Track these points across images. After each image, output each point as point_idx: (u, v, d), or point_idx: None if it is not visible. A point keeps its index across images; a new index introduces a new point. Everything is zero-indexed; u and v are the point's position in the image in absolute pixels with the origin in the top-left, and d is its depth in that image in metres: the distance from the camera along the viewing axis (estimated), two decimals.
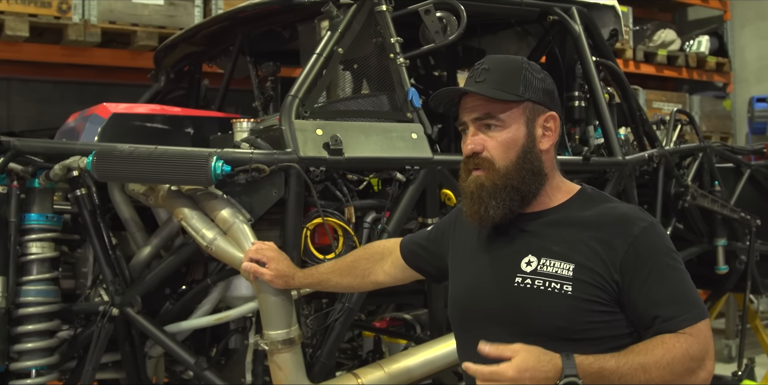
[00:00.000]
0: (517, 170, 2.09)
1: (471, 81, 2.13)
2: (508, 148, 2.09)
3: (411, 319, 3.82)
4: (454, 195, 3.33)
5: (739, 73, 10.11)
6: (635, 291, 1.97)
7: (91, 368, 2.92)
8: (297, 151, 2.97)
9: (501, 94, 2.08)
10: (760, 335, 5.77)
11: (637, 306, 1.98)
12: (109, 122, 3.43)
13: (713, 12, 10.28)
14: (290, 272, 2.67)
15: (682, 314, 1.95)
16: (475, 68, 2.15)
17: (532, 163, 2.10)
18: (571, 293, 1.98)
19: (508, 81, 2.10)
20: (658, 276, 1.97)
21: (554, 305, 1.99)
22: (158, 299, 3.15)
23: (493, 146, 2.09)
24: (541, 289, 2.01)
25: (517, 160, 2.09)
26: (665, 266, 1.99)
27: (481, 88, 2.09)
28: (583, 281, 1.98)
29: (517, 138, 2.10)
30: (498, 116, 2.09)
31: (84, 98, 6.28)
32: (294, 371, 2.80)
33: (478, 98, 2.11)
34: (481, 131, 2.11)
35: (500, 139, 2.09)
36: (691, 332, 1.93)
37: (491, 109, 2.09)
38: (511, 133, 2.10)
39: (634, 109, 4.36)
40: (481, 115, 2.10)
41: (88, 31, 5.60)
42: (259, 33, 4.18)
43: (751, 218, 4.87)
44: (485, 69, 2.12)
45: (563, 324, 1.98)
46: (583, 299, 1.97)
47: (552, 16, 4.04)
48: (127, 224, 3.13)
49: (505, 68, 2.13)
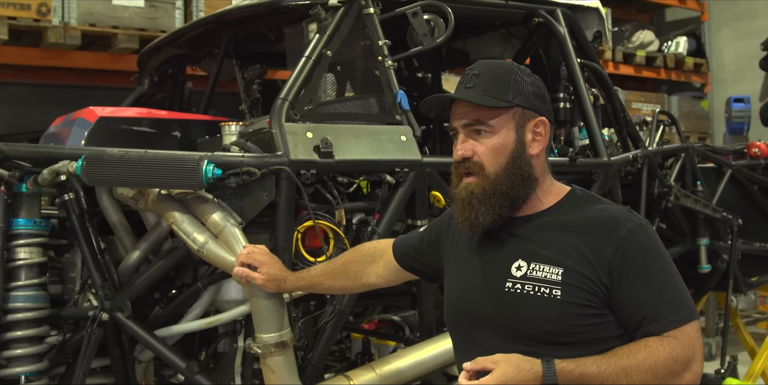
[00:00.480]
0: (506, 176, 2.10)
1: (461, 87, 2.14)
2: (497, 154, 2.10)
3: (399, 320, 3.82)
4: (443, 197, 3.34)
5: (716, 73, 10.20)
6: (623, 293, 1.99)
7: (82, 374, 2.91)
8: (288, 154, 2.97)
9: (489, 100, 2.09)
10: (741, 333, 5.82)
11: (624, 308, 1.99)
12: (96, 126, 3.41)
13: (690, 13, 10.36)
14: (282, 276, 2.66)
15: (670, 315, 1.96)
16: (465, 73, 2.16)
17: (521, 168, 2.11)
18: (560, 298, 1.99)
19: (498, 86, 2.11)
20: (645, 277, 1.99)
21: (544, 309, 2.00)
22: (148, 303, 3.13)
23: (483, 152, 2.10)
24: (531, 294, 2.03)
25: (506, 165, 2.10)
26: (653, 267, 2.01)
27: (470, 94, 2.10)
28: (571, 285, 1.99)
29: (507, 143, 2.11)
30: (487, 122, 2.10)
31: (63, 101, 6.22)
32: (287, 374, 2.80)
33: (468, 104, 2.12)
34: (470, 137, 2.13)
35: (490, 144, 2.10)
36: (676, 335, 1.94)
37: (480, 115, 2.10)
38: (500, 138, 2.11)
39: (618, 110, 4.39)
40: (471, 121, 2.12)
41: (68, 34, 5.56)
42: (245, 36, 4.17)
43: (732, 218, 4.92)
44: (475, 74, 2.13)
45: (553, 328, 2.00)
46: (572, 303, 1.99)
47: (537, 19, 4.06)
48: (116, 229, 3.10)
49: (494, 73, 2.14)
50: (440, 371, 3.31)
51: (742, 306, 8.30)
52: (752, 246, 5.26)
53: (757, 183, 5.39)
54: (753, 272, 5.36)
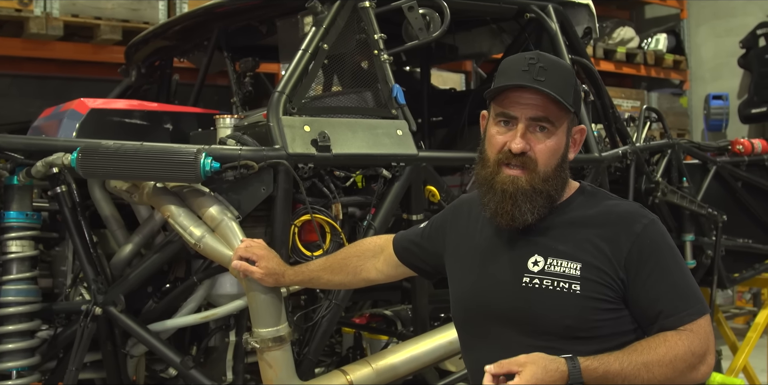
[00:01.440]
0: (554, 177, 2.08)
1: (528, 77, 2.04)
2: (552, 155, 2.08)
3: (391, 315, 3.81)
4: (438, 191, 3.34)
5: (695, 70, 10.28)
6: (639, 287, 2.00)
7: (75, 369, 2.87)
8: (286, 148, 2.95)
9: (563, 101, 2.04)
10: (723, 328, 5.87)
11: (640, 302, 2.00)
12: (88, 118, 3.37)
13: (670, 10, 10.43)
14: (280, 270, 2.64)
15: (686, 309, 1.98)
16: (528, 63, 2.06)
17: (564, 171, 2.12)
18: (579, 292, 1.99)
19: (565, 88, 2.07)
20: (660, 272, 2.00)
21: (563, 304, 2.00)
22: (141, 297, 3.10)
23: (541, 150, 2.07)
24: (550, 289, 2.02)
25: (556, 167, 2.09)
26: (667, 262, 2.02)
27: (548, 88, 2.03)
28: (590, 279, 2.00)
29: (560, 146, 2.10)
30: (554, 122, 2.07)
31: (44, 93, 6.15)
32: (284, 369, 2.78)
33: (539, 97, 2.05)
34: (530, 131, 2.07)
35: (549, 144, 2.07)
36: (692, 328, 1.97)
37: (550, 112, 2.06)
38: (558, 140, 2.09)
39: (608, 106, 4.41)
40: (540, 116, 2.06)
41: (50, 24, 5.50)
42: (236, 28, 4.13)
43: (717, 214, 4.96)
44: (543, 68, 2.05)
45: (572, 323, 2.00)
46: (592, 298, 1.99)
47: (529, 14, 4.06)
48: (108, 222, 3.07)
49: (561, 73, 2.09)
50: (433, 365, 3.30)
51: (720, 301, 8.37)
52: (736, 242, 5.31)
53: (741, 180, 5.44)
54: (736, 268, 5.42)
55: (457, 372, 3.49)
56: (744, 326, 8.55)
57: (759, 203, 5.52)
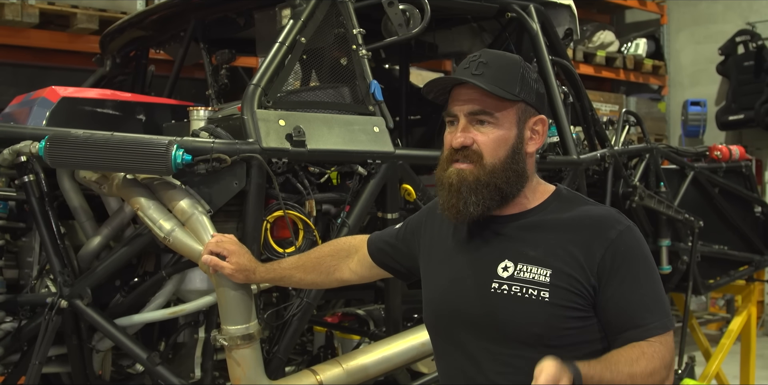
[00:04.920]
0: (503, 170, 2.05)
1: (467, 73, 2.07)
2: (498, 146, 2.06)
3: (364, 315, 3.77)
4: (414, 190, 3.30)
5: (674, 76, 10.33)
6: (608, 295, 1.96)
7: (38, 362, 2.80)
8: (259, 142, 2.90)
9: (499, 91, 2.03)
10: (696, 334, 5.88)
11: (609, 310, 1.97)
12: (58, 106, 3.30)
13: (650, 15, 10.47)
14: (251, 267, 2.58)
15: (653, 321, 1.95)
16: (471, 60, 2.09)
17: (518, 164, 2.08)
18: (548, 300, 1.96)
19: (506, 79, 2.05)
20: (631, 282, 1.97)
21: (531, 311, 1.97)
22: (108, 291, 3.04)
23: (484, 142, 2.06)
24: (518, 295, 1.99)
25: (505, 159, 2.06)
26: (639, 272, 1.99)
27: (482, 81, 2.03)
28: (560, 286, 1.96)
29: (508, 138, 2.07)
30: (493, 113, 2.05)
31: (18, 81, 6.06)
32: (253, 367, 2.73)
33: (475, 91, 2.06)
34: (472, 125, 2.07)
35: (492, 136, 2.06)
36: (661, 341, 1.95)
37: (487, 104, 2.05)
38: (503, 131, 2.06)
39: (587, 108, 4.39)
40: (477, 110, 2.06)
41: (26, 12, 5.43)
42: (213, 20, 4.07)
43: (694, 220, 4.95)
44: (483, 62, 2.06)
45: (540, 331, 1.96)
46: (560, 306, 1.96)
47: (510, 13, 4.03)
48: (76, 213, 3.00)
49: (503, 64, 2.08)
50: (405, 367, 3.26)
51: (694, 307, 8.41)
52: (712, 248, 5.30)
53: (718, 186, 5.44)
54: (711, 274, 5.41)
55: (429, 374, 3.44)
56: (717, 332, 8.60)
57: (735, 210, 5.52)
